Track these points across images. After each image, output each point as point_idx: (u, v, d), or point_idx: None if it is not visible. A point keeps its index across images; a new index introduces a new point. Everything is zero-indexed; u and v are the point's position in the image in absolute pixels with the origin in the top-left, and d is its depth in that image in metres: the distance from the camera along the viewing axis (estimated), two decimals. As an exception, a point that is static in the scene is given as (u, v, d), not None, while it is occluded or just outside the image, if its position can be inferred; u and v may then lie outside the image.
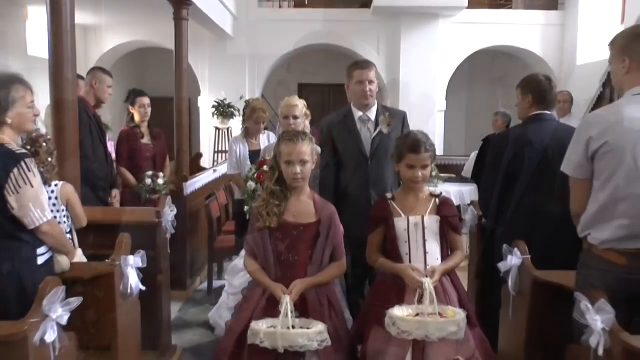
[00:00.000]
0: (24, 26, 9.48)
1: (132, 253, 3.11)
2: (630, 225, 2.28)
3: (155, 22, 10.17)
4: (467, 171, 6.70)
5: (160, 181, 5.05)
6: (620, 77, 2.42)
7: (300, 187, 2.92)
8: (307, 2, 11.95)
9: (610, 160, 2.30)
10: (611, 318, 2.11)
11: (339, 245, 2.96)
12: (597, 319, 2.13)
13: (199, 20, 8.84)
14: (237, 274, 4.10)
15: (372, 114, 3.86)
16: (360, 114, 3.85)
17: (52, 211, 2.88)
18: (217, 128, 11.12)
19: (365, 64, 3.91)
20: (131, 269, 3.05)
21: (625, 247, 2.31)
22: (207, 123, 11.40)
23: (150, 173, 5.06)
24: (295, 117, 4.03)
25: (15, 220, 2.52)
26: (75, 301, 2.34)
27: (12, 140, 2.63)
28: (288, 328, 2.56)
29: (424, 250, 2.88)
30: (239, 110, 10.92)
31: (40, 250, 2.62)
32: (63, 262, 2.80)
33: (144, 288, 3.17)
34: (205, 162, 10.49)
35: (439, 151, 10.85)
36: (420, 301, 2.70)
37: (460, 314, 2.62)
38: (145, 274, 3.22)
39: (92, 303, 2.81)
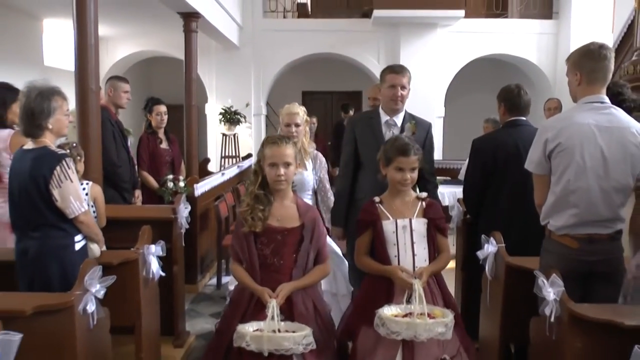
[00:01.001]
0: (41, 38, 9.95)
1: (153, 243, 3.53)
2: (579, 214, 2.68)
3: (164, 33, 10.57)
4: (462, 174, 7.07)
5: (182, 184, 5.46)
6: (574, 88, 2.82)
7: (284, 190, 2.94)
8: (310, 13, 12.34)
9: (563, 159, 2.70)
10: (561, 290, 2.51)
11: (322, 249, 2.99)
12: (550, 291, 2.52)
13: (206, 31, 9.24)
14: None
15: (399, 119, 3.84)
16: (387, 117, 3.82)
17: (85, 205, 3.30)
18: (223, 134, 11.51)
19: (399, 69, 3.87)
20: (152, 257, 3.46)
21: (577, 232, 2.71)
22: (214, 129, 11.78)
23: (171, 177, 5.46)
24: (297, 125, 3.98)
25: (57, 212, 2.93)
26: (110, 279, 2.75)
27: (52, 143, 3.05)
28: (274, 331, 2.59)
29: (412, 252, 2.91)
30: (244, 117, 11.35)
31: (77, 238, 3.04)
32: (95, 249, 3.21)
33: (163, 274, 3.58)
34: (212, 166, 10.91)
35: (438, 156, 11.23)
36: (408, 301, 2.75)
37: (448, 315, 2.66)
38: (162, 265, 3.63)
39: (118, 287, 3.19)
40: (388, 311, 2.69)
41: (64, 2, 7.86)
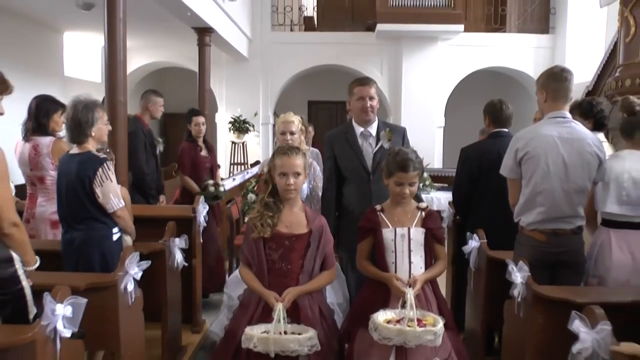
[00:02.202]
0: (61, 50, 10.50)
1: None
2: (545, 211, 3.15)
3: (177, 45, 11.11)
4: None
5: (222, 189, 5.94)
6: (541, 105, 3.30)
7: (293, 198, 3.04)
8: (316, 26, 12.85)
9: (531, 165, 3.17)
10: (527, 274, 2.97)
11: (329, 255, 3.07)
12: (518, 275, 2.99)
13: (218, 45, 9.75)
14: (238, 284, 3.88)
15: (373, 129, 3.92)
16: (362, 129, 3.91)
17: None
18: (233, 142, 12.00)
19: (365, 81, 3.97)
20: (177, 248, 3.94)
21: (544, 227, 3.18)
22: (224, 137, 12.30)
23: (211, 182, 5.92)
24: (292, 133, 4.10)
25: (99, 207, 3.40)
26: (145, 264, 3.22)
27: (93, 149, 3.54)
28: (280, 333, 2.66)
29: (409, 260, 3.01)
30: (253, 126, 11.84)
31: (114, 230, 3.51)
32: (128, 240, 3.68)
33: (186, 264, 4.06)
34: (221, 173, 11.39)
35: (438, 164, 11.68)
36: (403, 306, 2.81)
37: (439, 323, 2.73)
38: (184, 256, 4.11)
39: (147, 274, 3.64)
40: (382, 316, 2.79)
41: (83, 16, 8.49)
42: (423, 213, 3.11)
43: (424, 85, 11.68)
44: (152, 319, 3.80)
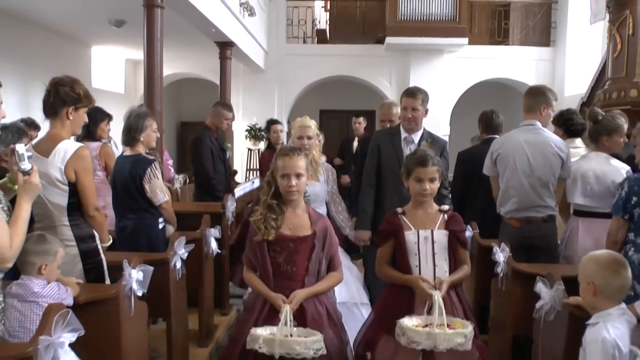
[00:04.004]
0: (89, 62, 11.21)
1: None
2: (517, 202, 3.84)
3: (198, 57, 11.72)
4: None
5: None
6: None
7: (296, 200, 2.97)
8: (328, 39, 13.48)
9: (502, 163, 3.91)
10: (508, 254, 3.58)
11: (335, 256, 3.02)
12: (501, 255, 3.60)
13: (237, 57, 10.36)
14: None
15: (417, 136, 4.19)
16: (406, 134, 4.19)
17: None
18: (249, 149, 12.63)
19: (410, 92, 4.23)
20: (212, 237, 4.57)
21: (518, 215, 3.84)
22: (241, 144, 12.93)
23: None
24: (309, 137, 4.10)
25: (147, 200, 4.03)
26: (189, 247, 3.85)
27: (143, 151, 4.18)
28: (286, 336, 2.62)
29: (433, 262, 2.92)
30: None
31: (160, 220, 4.14)
32: (170, 229, 4.31)
33: (219, 251, 4.69)
34: (238, 178, 12.01)
35: (444, 170, 12.21)
36: (429, 312, 2.73)
37: (468, 326, 2.65)
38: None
39: (187, 260, 4.27)
40: (409, 322, 2.69)
41: (110, 31, 9.16)
42: (446, 215, 3.03)
43: (430, 95, 12.13)
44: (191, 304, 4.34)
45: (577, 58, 11.74)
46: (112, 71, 12.28)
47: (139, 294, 2.98)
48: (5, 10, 8.14)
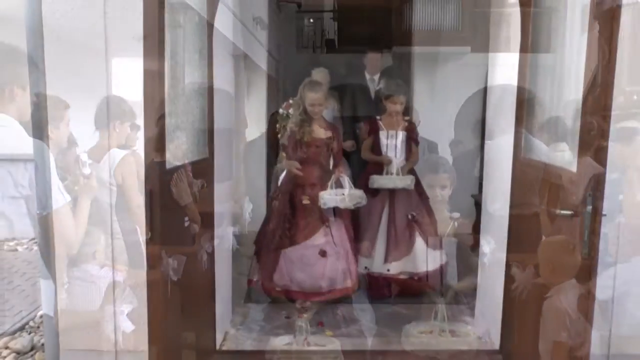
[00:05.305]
0: (110, 73, 11.64)
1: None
2: None
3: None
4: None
5: None
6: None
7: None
8: (337, 48, 13.91)
9: None
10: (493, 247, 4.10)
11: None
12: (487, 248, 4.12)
13: (251, 68, 10.84)
14: None
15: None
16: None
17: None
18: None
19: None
20: (232, 234, 5.10)
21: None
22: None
23: None
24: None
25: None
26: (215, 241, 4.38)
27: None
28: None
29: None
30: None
31: (185, 218, 4.66)
32: (195, 227, 4.83)
33: (237, 246, 5.22)
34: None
35: (449, 172, 12.59)
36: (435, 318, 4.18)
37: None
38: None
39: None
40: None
41: (131, 44, 9.56)
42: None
43: (433, 100, 12.57)
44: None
45: (576, 64, 11.99)
46: (129, 81, 12.64)
47: (174, 279, 3.51)
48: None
